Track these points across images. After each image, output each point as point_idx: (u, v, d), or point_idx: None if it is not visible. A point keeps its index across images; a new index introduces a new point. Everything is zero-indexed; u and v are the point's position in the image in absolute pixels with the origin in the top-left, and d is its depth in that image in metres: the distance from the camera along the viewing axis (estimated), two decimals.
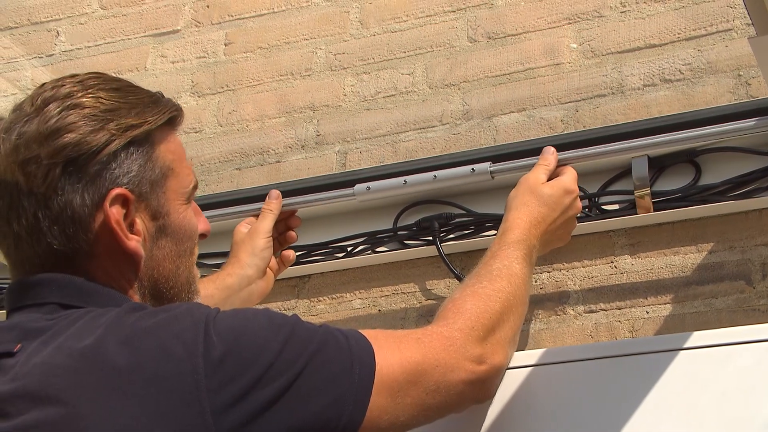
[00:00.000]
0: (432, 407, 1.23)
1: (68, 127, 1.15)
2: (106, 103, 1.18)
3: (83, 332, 1.06)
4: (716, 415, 1.38)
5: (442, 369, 1.23)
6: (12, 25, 2.62)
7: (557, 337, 1.78)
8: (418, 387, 1.20)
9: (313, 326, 1.16)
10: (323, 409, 1.09)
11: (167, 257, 1.22)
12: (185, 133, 2.29)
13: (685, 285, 1.74)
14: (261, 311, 1.14)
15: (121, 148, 1.17)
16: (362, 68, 2.21)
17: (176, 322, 1.07)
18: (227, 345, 1.05)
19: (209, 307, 1.12)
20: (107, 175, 1.16)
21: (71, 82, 1.20)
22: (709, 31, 1.93)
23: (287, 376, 1.07)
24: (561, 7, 2.08)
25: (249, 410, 1.04)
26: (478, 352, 1.29)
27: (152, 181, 1.21)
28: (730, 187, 1.72)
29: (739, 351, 1.43)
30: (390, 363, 1.17)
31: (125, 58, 2.45)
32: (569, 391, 1.50)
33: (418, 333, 1.27)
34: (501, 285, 1.40)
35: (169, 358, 1.03)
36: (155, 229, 1.21)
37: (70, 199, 1.14)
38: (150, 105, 1.23)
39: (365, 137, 2.13)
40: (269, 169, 2.18)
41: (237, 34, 2.37)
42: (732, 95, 1.84)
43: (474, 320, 1.31)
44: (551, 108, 1.99)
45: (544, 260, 1.84)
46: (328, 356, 1.12)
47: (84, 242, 1.16)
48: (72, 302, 1.14)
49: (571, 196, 1.59)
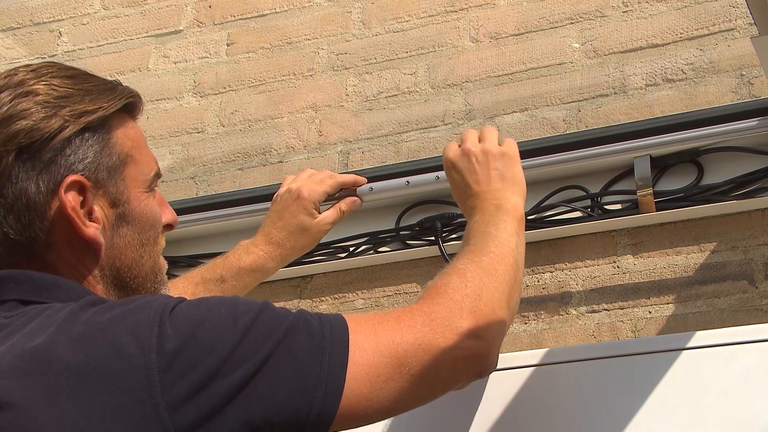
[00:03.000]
0: (422, 389, 1.16)
1: (20, 114, 1.13)
2: (60, 89, 1.16)
3: (36, 331, 1.04)
4: (719, 414, 1.38)
5: (425, 348, 1.15)
6: (14, 25, 2.62)
7: (560, 337, 1.78)
8: (401, 370, 1.13)
9: (284, 312, 1.10)
10: (289, 399, 1.04)
11: (129, 246, 1.19)
12: (188, 134, 2.29)
13: (688, 285, 1.74)
14: (226, 299, 1.10)
15: (75, 135, 1.15)
16: (364, 68, 2.21)
17: (131, 316, 1.03)
18: (182, 337, 1.01)
19: (171, 297, 1.08)
20: (62, 161, 1.14)
21: (24, 70, 1.18)
22: (711, 31, 1.93)
23: (248, 367, 1.03)
24: (563, 6, 2.08)
25: (208, 404, 1.00)
26: (468, 326, 1.20)
27: (109, 168, 1.18)
28: (732, 187, 1.72)
29: (741, 351, 1.43)
30: (365, 348, 1.11)
31: (127, 58, 2.46)
32: (572, 391, 1.50)
33: (398, 312, 1.18)
34: (481, 256, 1.31)
35: (121, 354, 0.99)
36: (115, 217, 1.18)
37: (25, 187, 1.12)
38: (105, 91, 1.20)
39: (367, 137, 2.13)
40: (271, 169, 2.18)
41: (239, 34, 2.37)
42: (734, 95, 1.84)
43: (458, 293, 1.23)
44: (553, 108, 1.99)
45: (546, 260, 1.84)
46: (295, 343, 1.06)
47: (40, 230, 1.13)
48: (31, 298, 1.11)
49: (461, 145, 1.51)
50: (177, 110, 2.34)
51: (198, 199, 2.14)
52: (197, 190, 2.22)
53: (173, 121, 2.33)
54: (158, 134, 2.32)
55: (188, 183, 2.24)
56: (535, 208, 1.83)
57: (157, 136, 2.31)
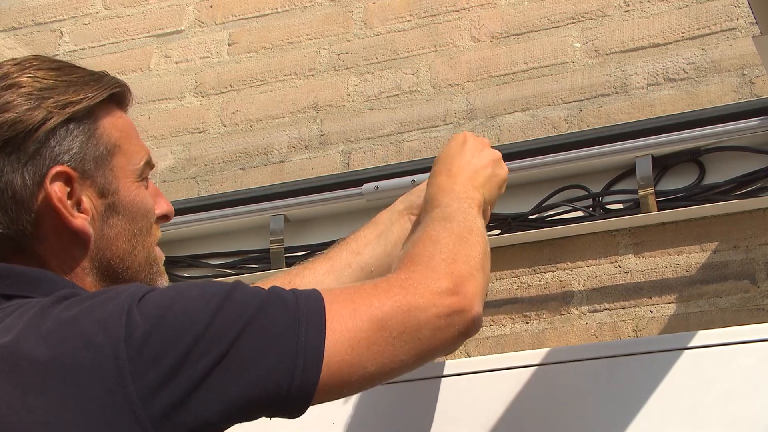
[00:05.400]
0: (405, 352, 1.14)
1: (4, 107, 1.12)
2: (44, 81, 1.15)
3: (9, 328, 1.03)
4: (720, 414, 1.38)
5: (404, 309, 1.13)
6: (16, 25, 2.63)
7: (561, 337, 1.78)
8: (381, 333, 1.11)
9: (257, 290, 1.08)
10: (268, 374, 1.03)
11: (120, 236, 1.17)
12: (189, 134, 2.30)
13: (689, 284, 1.74)
14: (196, 283, 1.08)
15: (60, 125, 1.14)
16: (366, 68, 2.21)
17: (100, 308, 1.02)
18: (151, 323, 1.00)
19: (143, 286, 1.07)
20: (47, 153, 1.13)
21: (9, 64, 1.18)
22: (713, 30, 1.93)
23: (220, 347, 1.01)
24: (565, 6, 2.08)
25: (181, 389, 0.98)
26: (446, 285, 1.18)
27: (96, 158, 1.16)
28: (734, 187, 1.72)
29: (743, 350, 1.43)
30: (343, 315, 1.09)
31: (129, 58, 2.46)
32: (573, 390, 1.50)
33: (374, 280, 1.18)
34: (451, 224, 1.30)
35: (89, 346, 0.98)
36: (104, 208, 1.17)
37: (11, 180, 1.11)
38: (90, 82, 1.19)
39: (369, 137, 2.13)
40: (273, 169, 2.18)
41: (240, 34, 2.37)
42: (736, 94, 1.84)
43: (430, 257, 1.21)
44: (555, 107, 1.99)
45: (548, 260, 1.85)
46: (269, 318, 1.05)
47: (28, 223, 1.12)
48: (14, 292, 1.10)
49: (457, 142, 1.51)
50: (178, 110, 2.34)
51: (199, 199, 2.14)
52: (199, 190, 2.22)
53: (175, 121, 2.33)
54: (160, 134, 2.32)
55: (190, 183, 2.24)
56: (536, 208, 1.83)
57: (159, 136, 2.31)
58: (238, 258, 2.04)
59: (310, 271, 1.48)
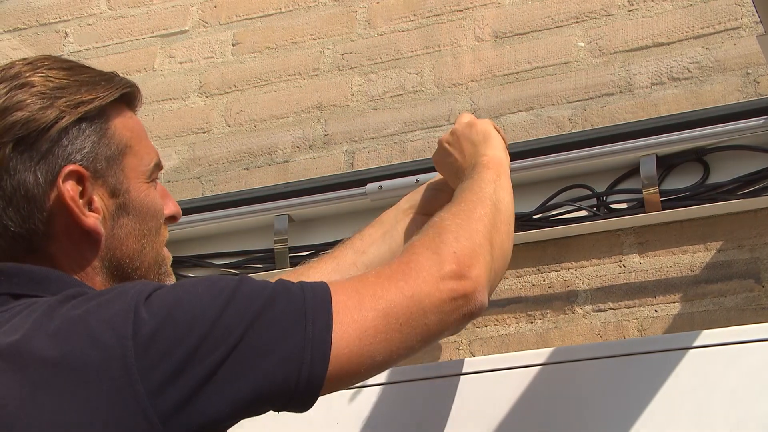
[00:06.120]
0: (413, 338, 1.14)
1: (17, 106, 1.12)
2: (56, 81, 1.16)
3: (17, 327, 1.03)
4: (725, 413, 1.38)
5: (409, 295, 1.13)
6: (20, 26, 2.63)
7: (566, 336, 1.78)
8: (388, 321, 1.11)
9: (263, 283, 1.08)
10: (276, 368, 1.03)
11: (130, 236, 1.18)
12: (193, 134, 2.30)
13: (694, 284, 1.74)
14: (204, 279, 1.08)
15: (72, 125, 1.14)
16: (370, 68, 2.21)
17: (107, 306, 1.02)
18: (158, 320, 1.00)
19: (150, 284, 1.07)
20: (59, 152, 1.13)
21: (21, 63, 1.18)
22: (717, 29, 1.93)
23: (228, 342, 1.01)
24: (569, 5, 2.08)
25: (189, 385, 0.98)
26: (450, 268, 1.18)
27: (108, 158, 1.17)
28: (738, 186, 1.72)
29: (747, 349, 1.43)
30: (349, 306, 1.09)
31: (133, 58, 2.46)
32: (578, 390, 1.50)
33: (378, 269, 1.18)
34: (455, 207, 1.31)
35: (97, 345, 0.98)
36: (115, 207, 1.17)
37: (23, 179, 1.12)
38: (102, 82, 1.20)
39: (373, 137, 2.13)
40: (277, 169, 2.18)
41: (245, 34, 2.38)
42: (740, 93, 1.84)
43: (435, 241, 1.21)
44: (559, 107, 1.99)
45: (552, 259, 1.84)
46: (276, 312, 1.05)
47: (40, 222, 1.13)
48: (23, 291, 1.10)
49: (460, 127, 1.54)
50: (183, 110, 2.34)
51: (204, 198, 2.14)
52: (203, 190, 2.22)
53: (179, 121, 2.33)
54: (164, 134, 2.32)
55: (194, 183, 2.25)
56: (540, 207, 1.83)
57: (163, 136, 2.32)
58: (242, 258, 2.04)
59: (315, 271, 1.49)
